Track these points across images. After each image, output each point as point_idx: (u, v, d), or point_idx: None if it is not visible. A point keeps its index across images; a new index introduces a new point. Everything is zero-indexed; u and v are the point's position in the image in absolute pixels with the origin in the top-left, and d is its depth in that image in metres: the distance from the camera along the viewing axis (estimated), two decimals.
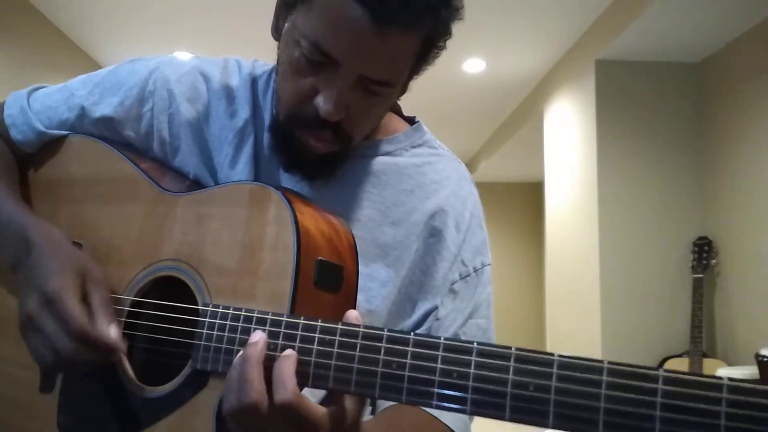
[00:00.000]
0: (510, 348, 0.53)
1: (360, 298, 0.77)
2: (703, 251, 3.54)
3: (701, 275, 3.49)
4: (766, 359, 2.74)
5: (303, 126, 0.77)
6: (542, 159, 5.00)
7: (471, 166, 7.60)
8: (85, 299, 0.72)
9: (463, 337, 0.84)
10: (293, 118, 0.78)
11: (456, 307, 0.85)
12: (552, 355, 0.51)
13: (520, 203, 7.98)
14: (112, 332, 0.70)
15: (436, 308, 0.84)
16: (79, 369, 0.74)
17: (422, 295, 0.84)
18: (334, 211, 0.77)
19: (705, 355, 3.38)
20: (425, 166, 0.88)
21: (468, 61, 4.60)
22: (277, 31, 0.80)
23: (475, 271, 0.87)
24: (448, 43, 0.78)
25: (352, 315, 0.63)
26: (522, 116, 5.53)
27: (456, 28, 0.76)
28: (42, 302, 0.71)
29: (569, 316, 4.33)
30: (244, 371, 0.60)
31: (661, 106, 3.79)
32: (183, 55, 0.93)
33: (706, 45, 3.58)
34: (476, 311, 0.87)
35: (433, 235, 0.85)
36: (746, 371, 2.90)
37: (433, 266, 0.85)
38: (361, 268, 0.77)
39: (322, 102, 0.74)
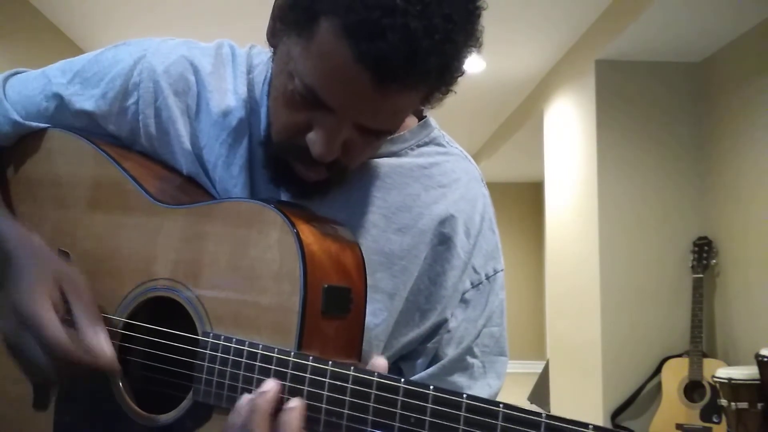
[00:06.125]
0: (541, 415, 0.49)
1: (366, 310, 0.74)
2: (703, 251, 3.54)
3: (701, 275, 3.48)
4: (766, 359, 2.74)
5: (295, 157, 0.72)
6: (542, 159, 4.99)
7: None
8: (67, 310, 0.68)
9: (476, 349, 0.81)
10: (285, 147, 0.72)
11: (468, 317, 0.81)
12: (587, 427, 0.47)
13: (520, 203, 7.97)
14: (100, 345, 0.66)
15: (446, 321, 0.80)
16: (75, 383, 0.71)
17: (431, 305, 0.80)
18: (328, 215, 0.73)
19: (705, 355, 3.38)
20: (432, 168, 0.83)
21: (468, 61, 4.59)
22: (273, 37, 0.72)
23: (488, 278, 0.83)
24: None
25: (379, 364, 0.59)
26: (522, 116, 5.52)
27: None
28: (19, 325, 0.67)
29: (569, 316, 4.32)
30: (251, 421, 0.58)
31: (661, 106, 3.78)
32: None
33: (706, 45, 3.58)
34: (490, 320, 0.83)
35: (443, 242, 0.80)
36: (746, 371, 2.90)
37: (443, 275, 0.80)
38: None
39: (314, 143, 0.68)
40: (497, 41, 4.21)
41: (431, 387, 0.54)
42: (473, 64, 4.63)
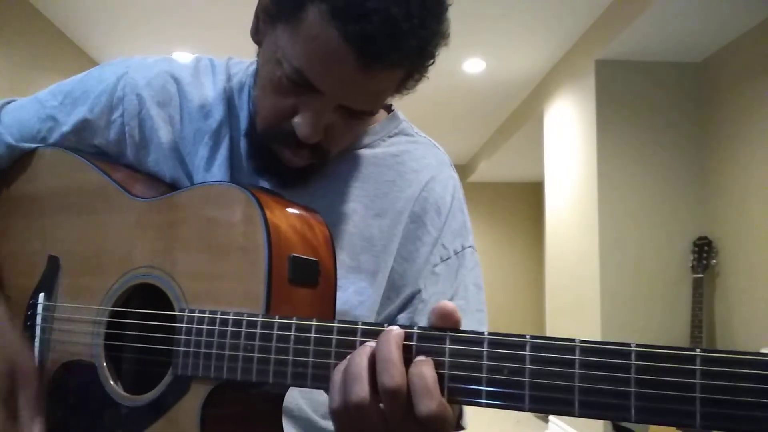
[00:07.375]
0: (483, 333, 0.54)
1: (351, 289, 0.78)
2: (703, 251, 3.54)
3: (701, 275, 3.49)
4: None
5: (280, 142, 0.77)
6: (542, 159, 5.00)
7: (471, 166, 7.60)
8: (12, 396, 0.76)
9: None
10: (271, 133, 0.77)
11: (438, 291, 0.86)
12: (524, 337, 0.52)
13: (520, 203, 7.98)
14: None
15: (419, 291, 0.85)
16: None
17: (404, 281, 0.85)
18: (310, 205, 0.77)
19: None
20: (404, 155, 0.89)
21: (468, 61, 4.60)
22: (257, 35, 0.78)
23: (456, 254, 0.88)
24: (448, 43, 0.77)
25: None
26: (522, 116, 5.53)
27: (456, 28, 0.75)
28: None
29: (569, 316, 4.33)
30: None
31: (661, 106, 3.79)
32: (158, 57, 0.93)
33: (707, 45, 3.58)
34: (456, 294, 0.87)
35: (414, 221, 0.86)
36: None
37: (415, 252, 0.85)
38: (348, 260, 0.79)
39: (300, 125, 0.73)
40: (497, 41, 4.21)
41: (385, 324, 0.58)
42: (473, 64, 4.64)
